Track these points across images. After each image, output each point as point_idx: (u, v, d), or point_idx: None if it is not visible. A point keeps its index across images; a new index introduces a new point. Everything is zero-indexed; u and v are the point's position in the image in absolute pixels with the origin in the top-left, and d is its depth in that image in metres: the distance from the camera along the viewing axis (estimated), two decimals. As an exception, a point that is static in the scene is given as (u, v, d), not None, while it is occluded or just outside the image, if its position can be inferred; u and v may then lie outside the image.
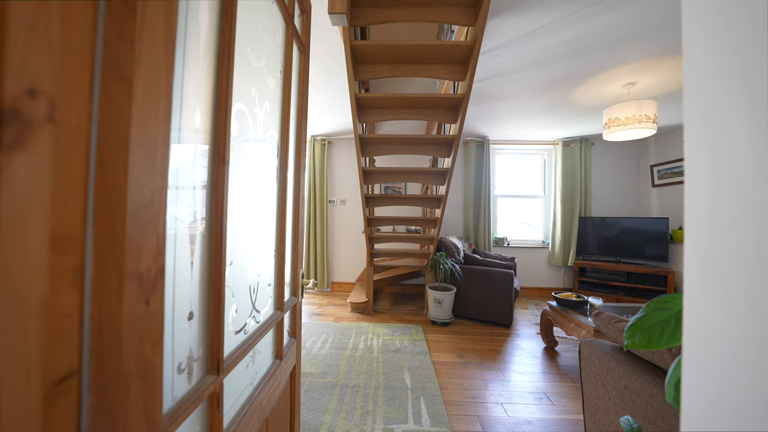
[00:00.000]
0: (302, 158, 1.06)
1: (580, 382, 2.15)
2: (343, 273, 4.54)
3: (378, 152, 2.48)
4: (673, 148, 3.86)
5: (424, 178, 2.73)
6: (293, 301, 0.99)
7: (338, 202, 4.58)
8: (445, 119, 2.17)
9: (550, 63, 2.23)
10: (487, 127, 3.90)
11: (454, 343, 2.74)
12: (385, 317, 3.39)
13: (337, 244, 4.55)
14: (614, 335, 1.24)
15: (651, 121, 2.37)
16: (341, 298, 4.11)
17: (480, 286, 3.21)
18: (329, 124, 3.90)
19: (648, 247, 3.75)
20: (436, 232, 3.12)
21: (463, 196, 4.47)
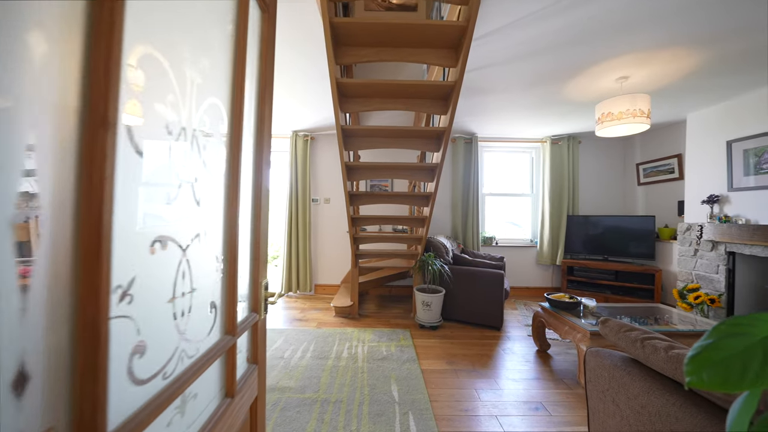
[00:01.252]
0: (266, 142, 0.87)
1: (575, 388, 2.06)
2: (328, 275, 4.33)
3: (362, 146, 2.29)
4: (658, 146, 3.87)
5: (412, 174, 2.56)
6: (253, 318, 0.80)
7: (322, 201, 4.36)
8: (435, 110, 2.01)
9: (544, 53, 2.11)
10: (476, 124, 3.78)
11: (444, 349, 2.59)
12: (371, 321, 3.21)
13: (321, 245, 4.33)
14: (626, 346, 1.11)
15: (645, 115, 2.30)
16: (325, 301, 3.90)
17: (469, 287, 3.08)
18: (312, 119, 3.68)
19: (635, 245, 3.74)
20: (424, 231, 2.97)
21: (451, 195, 4.35)
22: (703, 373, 0.43)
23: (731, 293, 2.90)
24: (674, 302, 3.25)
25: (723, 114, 2.95)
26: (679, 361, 0.94)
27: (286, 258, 4.15)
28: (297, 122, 3.83)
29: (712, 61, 2.20)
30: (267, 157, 0.88)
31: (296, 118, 3.69)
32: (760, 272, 2.87)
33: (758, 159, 2.70)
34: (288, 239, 4.14)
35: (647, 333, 1.11)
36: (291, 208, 4.15)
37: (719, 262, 2.95)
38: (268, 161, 0.89)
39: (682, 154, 3.53)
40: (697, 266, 3.14)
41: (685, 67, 2.28)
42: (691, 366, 0.44)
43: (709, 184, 3.07)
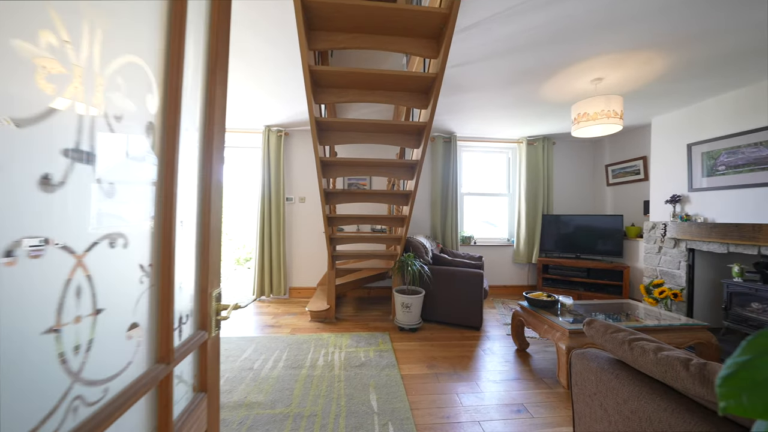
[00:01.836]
0: (217, 128, 0.72)
1: (555, 387, 2.05)
2: (303, 278, 4.13)
3: (339, 140, 2.15)
4: (625, 148, 4.04)
5: (391, 171, 2.46)
6: (200, 337, 0.65)
7: (297, 200, 4.16)
8: (415, 103, 1.92)
9: (523, 50, 2.09)
10: (455, 122, 3.76)
11: (424, 352, 2.52)
12: (349, 325, 3.08)
13: (296, 247, 4.13)
14: (613, 348, 1.07)
15: (618, 116, 2.35)
16: (300, 305, 3.71)
17: (449, 287, 3.04)
18: (285, 113, 3.48)
19: (605, 244, 3.88)
20: (403, 231, 2.88)
21: (431, 194, 4.31)
22: (743, 397, 0.35)
23: (691, 288, 3.06)
24: (641, 297, 3.39)
25: (684, 118, 3.11)
26: (669, 364, 0.90)
27: (258, 260, 3.91)
28: (269, 116, 3.62)
29: (678, 66, 2.28)
30: (219, 146, 0.74)
31: (268, 112, 3.48)
32: (716, 267, 3.05)
33: (714, 161, 2.87)
34: (260, 240, 3.90)
35: (634, 334, 1.07)
36: (264, 208, 3.92)
37: (681, 258, 3.11)
38: (220, 151, 0.74)
39: (647, 156, 3.70)
40: (661, 262, 3.29)
41: (654, 71, 2.35)
42: (725, 388, 0.36)
43: (671, 184, 3.23)
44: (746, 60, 2.21)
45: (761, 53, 2.12)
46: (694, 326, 2.15)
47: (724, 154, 2.79)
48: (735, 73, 2.40)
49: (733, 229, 2.64)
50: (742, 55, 2.15)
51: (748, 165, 2.63)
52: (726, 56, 2.16)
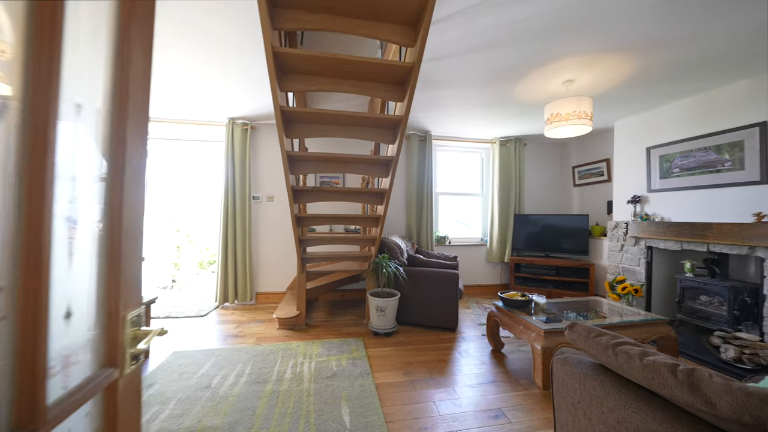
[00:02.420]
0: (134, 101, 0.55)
1: (531, 388, 2.02)
2: (271, 282, 3.88)
3: (308, 133, 1.99)
4: (591, 151, 4.23)
5: (365, 168, 2.34)
6: (104, 379, 0.48)
7: (264, 199, 3.90)
8: (391, 95, 1.81)
9: (499, 46, 2.06)
10: (430, 120, 3.71)
11: (400, 357, 2.41)
12: (320, 332, 2.90)
13: (264, 248, 3.87)
14: (597, 353, 1.02)
15: (588, 118, 2.40)
16: (267, 312, 3.47)
17: (425, 289, 2.97)
18: (251, 104, 3.23)
19: (572, 242, 4.02)
20: (378, 231, 2.76)
21: (406, 193, 4.23)
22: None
23: (649, 283, 3.24)
24: (605, 293, 3.54)
25: (644, 123, 3.28)
26: (656, 370, 0.85)
27: (221, 264, 3.60)
28: (234, 108, 3.34)
29: (642, 71, 2.37)
30: (139, 126, 0.57)
31: (232, 104, 3.20)
32: (671, 264, 3.25)
33: (670, 164, 3.04)
34: (224, 242, 3.60)
35: (617, 338, 1.03)
36: (227, 207, 3.62)
37: (641, 255, 3.28)
38: (141, 131, 0.57)
39: (610, 159, 3.89)
40: (623, 260, 3.46)
41: (620, 75, 2.43)
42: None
43: (632, 185, 3.40)
44: (700, 69, 2.34)
45: (712, 64, 2.25)
46: (656, 321, 2.24)
47: (678, 158, 2.97)
48: (689, 81, 2.55)
49: (687, 227, 2.81)
50: (695, 65, 2.27)
51: (698, 168, 2.82)
52: (682, 64, 2.27)
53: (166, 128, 3.76)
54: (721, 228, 2.57)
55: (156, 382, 1.97)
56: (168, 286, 4.83)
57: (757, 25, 1.83)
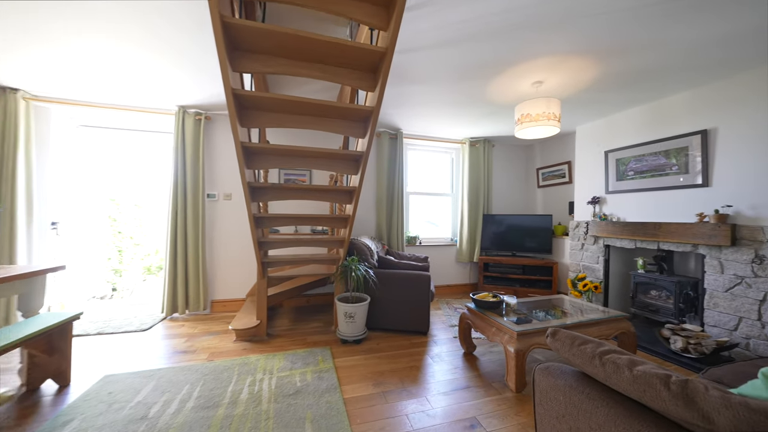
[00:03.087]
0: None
1: (504, 391, 1.95)
2: (230, 288, 3.53)
3: (267, 121, 1.76)
4: (554, 153, 4.40)
5: (333, 163, 2.16)
6: None
7: (221, 197, 3.54)
8: (361, 84, 1.66)
9: (476, 40, 1.99)
10: (401, 118, 3.60)
11: (370, 367, 2.27)
12: (283, 342, 2.66)
13: (221, 251, 3.51)
14: (582, 363, 0.96)
15: (557, 119, 2.43)
16: (224, 322, 3.13)
17: (396, 292, 2.85)
18: (205, 91, 2.89)
19: (536, 241, 4.15)
20: (347, 232, 2.59)
21: (376, 192, 4.09)
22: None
23: (607, 280, 3.41)
24: (567, 290, 3.68)
25: (603, 128, 3.45)
26: (648, 382, 0.79)
27: (169, 269, 3.20)
28: (184, 95, 2.97)
29: (604, 77, 2.45)
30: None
31: (183, 90, 2.84)
32: (626, 261, 3.46)
33: (625, 167, 3.22)
34: (172, 245, 3.20)
35: (601, 345, 0.97)
36: (176, 206, 3.23)
37: (599, 254, 3.44)
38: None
39: (571, 161, 4.07)
40: (583, 258, 3.62)
41: (586, 79, 2.49)
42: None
43: (592, 187, 3.56)
44: (652, 79, 2.47)
45: (665, 72, 2.38)
46: (617, 317, 2.32)
47: (632, 161, 3.15)
48: (642, 90, 2.69)
49: (640, 227, 2.98)
50: (649, 74, 2.39)
51: (650, 171, 3.00)
52: (638, 73, 2.38)
53: (103, 115, 3.27)
54: (669, 227, 2.75)
55: (75, 418, 1.63)
56: (106, 295, 4.25)
57: (695, 39, 1.94)
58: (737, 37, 1.95)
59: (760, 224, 2.28)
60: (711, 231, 2.46)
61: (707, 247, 2.54)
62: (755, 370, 1.52)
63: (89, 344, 2.53)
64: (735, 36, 1.93)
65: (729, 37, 1.95)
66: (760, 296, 2.28)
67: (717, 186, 2.53)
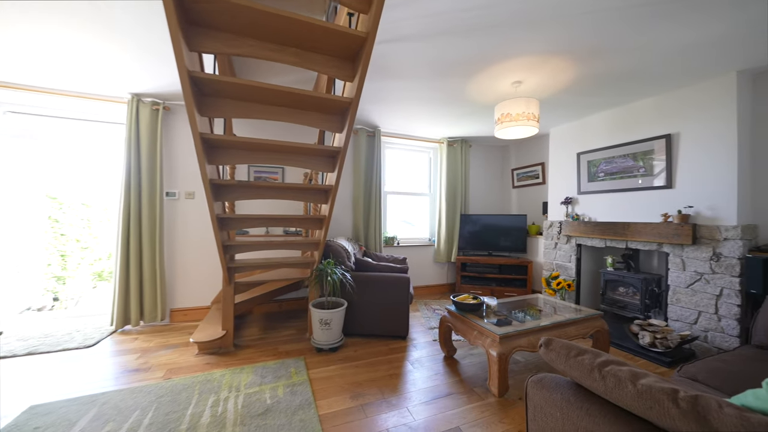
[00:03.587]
0: None
1: (486, 397, 1.86)
2: (192, 295, 3.23)
3: (233, 111, 1.57)
4: (528, 154, 4.49)
5: (308, 160, 1.99)
6: None
7: (182, 196, 3.23)
8: (339, 72, 1.52)
9: (457, 34, 1.92)
10: (379, 115, 3.49)
11: (347, 377, 2.13)
12: (253, 354, 2.45)
13: (183, 255, 3.20)
14: (581, 376, 0.89)
15: (536, 120, 2.42)
16: (185, 333, 2.85)
17: (375, 295, 2.73)
18: (163, 77, 2.59)
19: (511, 241, 4.21)
20: (322, 233, 2.43)
21: (353, 192, 3.95)
22: None
23: (579, 278, 3.52)
24: (542, 288, 3.76)
25: (576, 130, 3.55)
26: (654, 398, 0.74)
27: (120, 275, 2.85)
28: (137, 81, 2.65)
29: (580, 79, 2.49)
30: None
31: (136, 75, 2.53)
32: (596, 260, 3.58)
33: (596, 169, 3.33)
34: (124, 249, 2.86)
35: (598, 355, 0.92)
36: (129, 205, 2.89)
37: (572, 252, 3.54)
38: None
39: (545, 163, 4.17)
40: (557, 257, 3.71)
41: (563, 81, 2.52)
42: None
43: (564, 188, 3.66)
44: (625, 82, 2.55)
45: (636, 77, 2.45)
46: (593, 316, 2.36)
47: (603, 163, 3.26)
48: (615, 93, 2.78)
49: (610, 226, 3.09)
50: (623, 77, 2.46)
51: (619, 173, 3.12)
52: (613, 75, 2.44)
53: (36, 99, 2.84)
54: (637, 227, 2.87)
55: (-11, 461, 1.35)
56: (45, 307, 3.74)
57: (667, 46, 2.01)
58: (699, 47, 2.03)
59: (717, 224, 2.42)
60: (675, 230, 2.59)
61: (671, 245, 2.66)
62: (725, 365, 1.57)
63: (16, 367, 2.17)
64: (697, 45, 2.01)
65: (692, 47, 2.03)
66: (717, 291, 2.42)
67: (680, 188, 2.66)
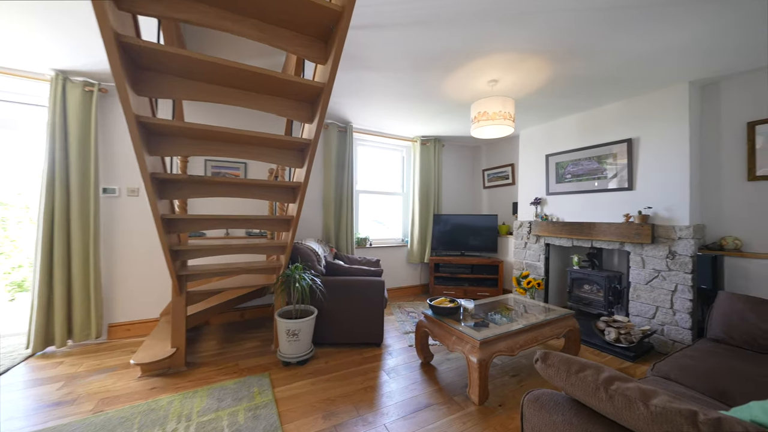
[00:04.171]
0: None
1: (467, 405, 1.72)
2: (136, 307, 2.82)
3: (177, 90, 1.31)
4: (499, 155, 4.57)
5: (273, 153, 1.77)
6: None
7: (124, 192, 2.80)
8: (310, 52, 1.32)
9: (440, 23, 1.81)
10: (352, 109, 3.31)
11: (318, 393, 1.94)
12: (209, 372, 2.16)
13: (124, 261, 2.78)
14: (585, 395, 0.80)
15: (511, 119, 2.40)
16: (125, 352, 2.46)
17: (347, 301, 2.56)
18: (93, 53, 2.19)
19: (483, 241, 4.24)
20: (290, 235, 2.21)
21: (323, 190, 3.73)
22: None
23: (547, 276, 3.62)
24: (512, 287, 3.82)
25: (545, 132, 3.64)
26: (671, 421, 0.66)
27: (40, 287, 2.39)
28: (63, 54, 2.22)
29: (553, 80, 2.51)
30: None
31: (57, 45, 2.11)
32: (563, 259, 3.71)
33: (564, 170, 3.44)
34: (45, 254, 2.39)
35: (600, 370, 0.84)
36: (53, 203, 2.43)
37: (541, 252, 3.63)
38: None
39: (515, 164, 4.25)
40: (526, 256, 3.79)
41: (537, 81, 2.52)
42: None
43: (534, 189, 3.75)
44: (594, 86, 2.62)
45: (605, 81, 2.53)
46: (566, 315, 2.39)
47: (570, 165, 3.37)
48: (584, 97, 2.86)
49: (576, 226, 3.20)
50: (592, 80, 2.52)
51: (585, 175, 3.23)
52: (584, 79, 2.49)
53: None
54: (601, 227, 2.99)
55: None
56: (-58, 326, 3.07)
57: (638, 52, 2.07)
58: (659, 56, 2.12)
59: (672, 224, 2.57)
60: (635, 230, 2.71)
61: (632, 244, 2.80)
62: (693, 362, 1.61)
63: None
64: (657, 54, 2.10)
65: (653, 55, 2.11)
66: (672, 287, 2.57)
67: (640, 189, 2.80)
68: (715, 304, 2.04)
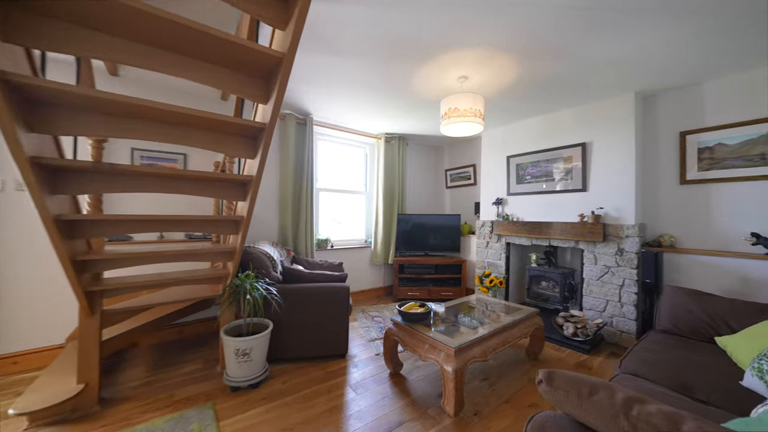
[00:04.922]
0: None
1: (442, 419, 1.57)
2: (33, 332, 2.21)
3: (72, 44, 0.95)
4: (461, 156, 4.61)
5: (219, 140, 1.45)
6: None
7: (9, 186, 2.20)
8: (266, 14, 1.05)
9: (413, 5, 1.64)
10: (313, 100, 3.03)
11: (274, 423, 1.66)
12: (132, 410, 1.74)
13: (12, 273, 2.17)
14: (599, 422, 0.69)
15: (481, 117, 2.35)
16: (9, 395, 1.89)
17: (308, 311, 2.29)
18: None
19: (446, 240, 4.24)
20: (239, 239, 1.88)
21: (280, 187, 3.38)
22: None
23: (508, 275, 3.71)
24: (475, 286, 3.85)
25: (506, 134, 3.73)
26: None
27: None
28: None
29: (520, 80, 2.52)
30: None
31: None
32: (522, 257, 3.83)
33: (524, 171, 3.55)
34: None
35: (614, 392, 0.73)
36: None
37: (502, 251, 3.71)
38: None
39: (477, 164, 4.31)
40: (488, 255, 3.85)
41: (506, 80, 2.50)
42: None
43: (495, 189, 3.82)
44: (556, 89, 2.69)
45: (566, 85, 2.61)
46: (532, 314, 2.41)
47: (529, 166, 3.48)
48: (545, 100, 2.94)
49: (535, 226, 3.30)
50: (554, 83, 2.58)
51: (543, 176, 3.36)
52: (549, 81, 2.53)
53: None
54: (558, 226, 3.11)
55: None
56: None
57: (595, 61, 2.15)
58: (611, 65, 2.23)
59: (621, 223, 2.76)
60: (589, 229, 2.86)
61: (586, 242, 2.95)
62: (653, 355, 1.67)
63: None
64: (610, 63, 2.20)
65: (607, 64, 2.21)
66: (620, 282, 2.75)
67: (593, 191, 2.96)
68: (662, 297, 2.19)
